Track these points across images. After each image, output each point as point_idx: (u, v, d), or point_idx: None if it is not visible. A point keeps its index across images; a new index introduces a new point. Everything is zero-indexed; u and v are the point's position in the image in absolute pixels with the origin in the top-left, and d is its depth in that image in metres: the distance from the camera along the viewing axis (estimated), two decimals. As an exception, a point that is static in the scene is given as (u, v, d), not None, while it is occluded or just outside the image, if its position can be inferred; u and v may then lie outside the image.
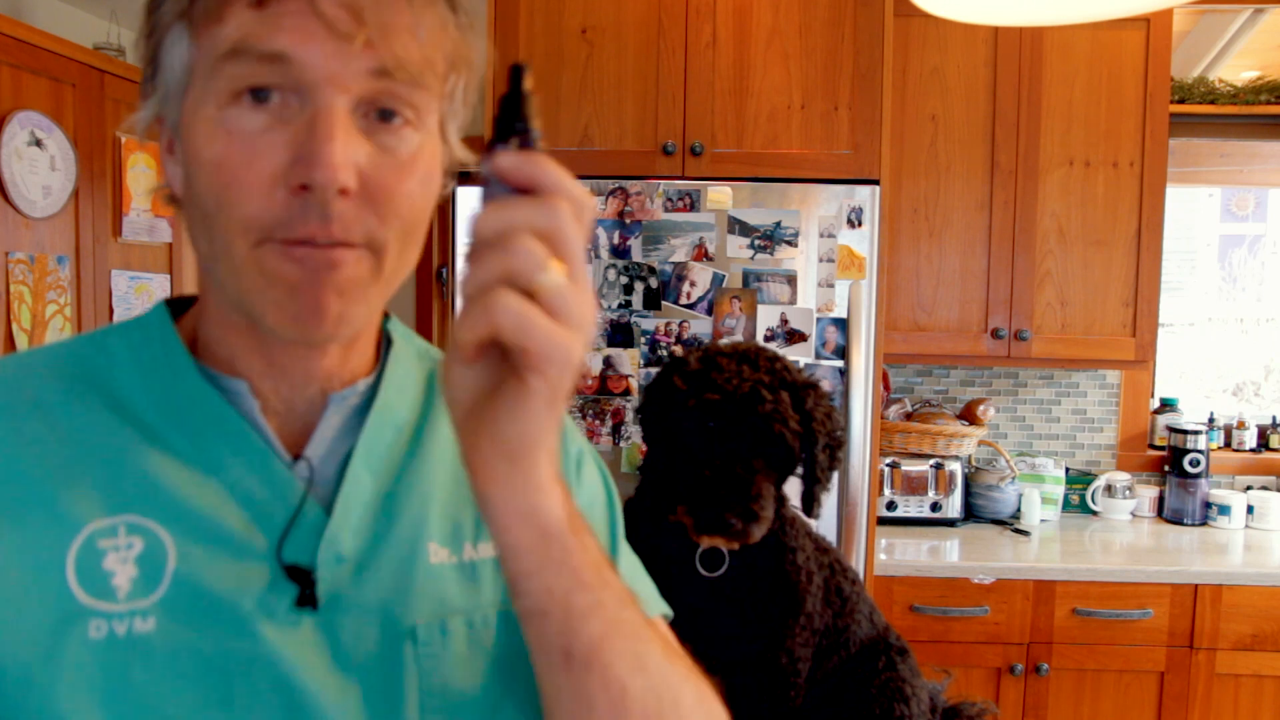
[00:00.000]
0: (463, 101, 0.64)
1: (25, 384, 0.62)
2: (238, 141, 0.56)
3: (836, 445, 1.06)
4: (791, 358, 2.16)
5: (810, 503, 1.05)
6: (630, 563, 0.80)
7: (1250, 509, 2.71)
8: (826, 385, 2.19)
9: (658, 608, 0.79)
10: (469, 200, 3.94)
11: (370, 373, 0.70)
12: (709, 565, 1.05)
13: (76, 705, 0.55)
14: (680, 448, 0.96)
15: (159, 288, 3.15)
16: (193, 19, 0.57)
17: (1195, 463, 2.70)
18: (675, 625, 0.91)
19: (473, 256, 0.50)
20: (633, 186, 2.17)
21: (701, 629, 1.05)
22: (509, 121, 0.52)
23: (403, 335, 0.74)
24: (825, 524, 2.20)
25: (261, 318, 0.59)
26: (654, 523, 1.07)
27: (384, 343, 0.72)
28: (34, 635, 0.55)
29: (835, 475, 1.08)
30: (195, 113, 0.58)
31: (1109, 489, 2.79)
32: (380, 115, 0.58)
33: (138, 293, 3.03)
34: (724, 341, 1.07)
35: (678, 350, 2.19)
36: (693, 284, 2.18)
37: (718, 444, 0.95)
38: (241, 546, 0.60)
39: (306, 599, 0.61)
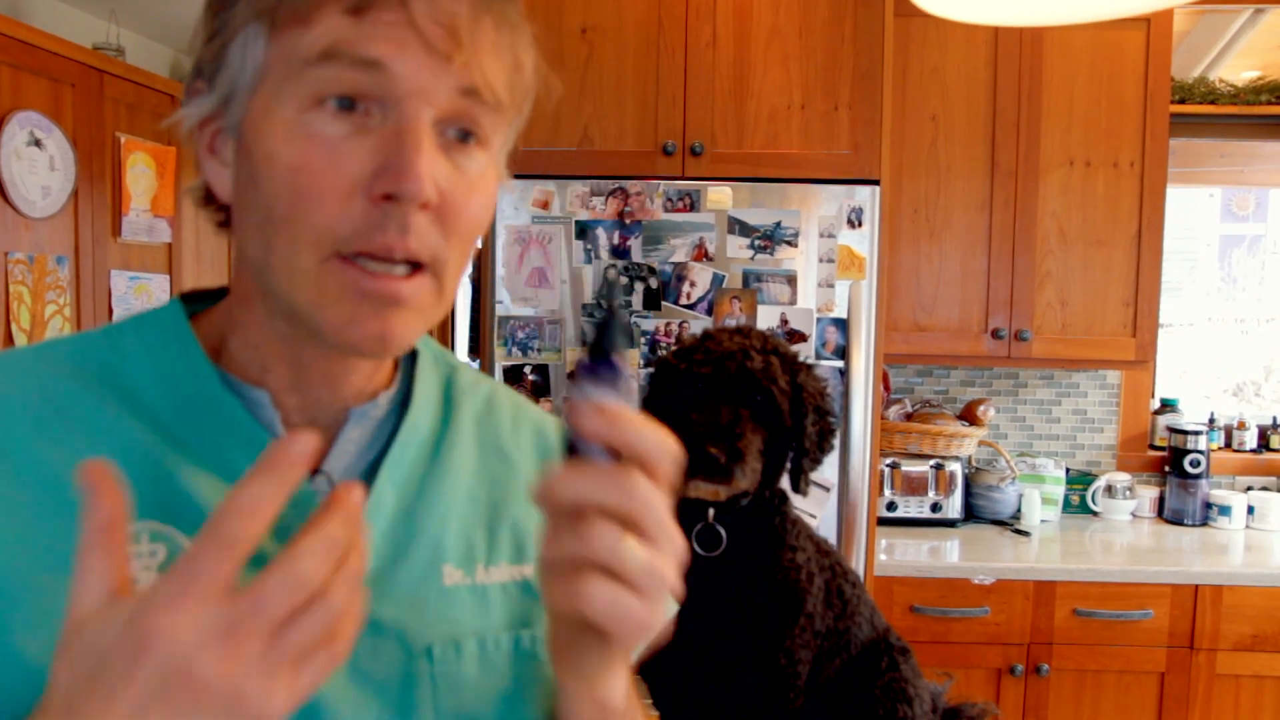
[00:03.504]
0: (518, 128, 0.65)
1: (45, 382, 0.60)
2: (319, 146, 0.55)
3: (828, 426, 1.07)
4: (791, 358, 2.17)
5: (798, 477, 1.05)
6: None
7: (1251, 509, 2.71)
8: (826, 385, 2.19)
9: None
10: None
11: (389, 384, 0.69)
12: (706, 545, 1.05)
13: None
14: (675, 415, 0.97)
15: (158, 288, 3.15)
16: (275, 19, 0.56)
17: (1196, 463, 2.70)
18: (674, 621, 0.91)
19: (553, 523, 0.52)
20: (633, 186, 2.17)
21: (699, 616, 1.05)
22: (601, 349, 0.53)
23: (422, 342, 0.74)
24: (825, 524, 2.19)
25: (320, 329, 0.58)
26: None
27: (407, 353, 0.72)
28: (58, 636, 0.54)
29: (826, 457, 1.09)
30: (269, 114, 0.56)
31: (1109, 489, 2.79)
32: (457, 134, 0.59)
33: (137, 293, 3.03)
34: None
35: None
36: (693, 284, 2.18)
37: (707, 397, 0.97)
38: (261, 559, 0.59)
39: None
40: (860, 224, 2.16)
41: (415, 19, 0.55)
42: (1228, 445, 2.93)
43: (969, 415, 2.71)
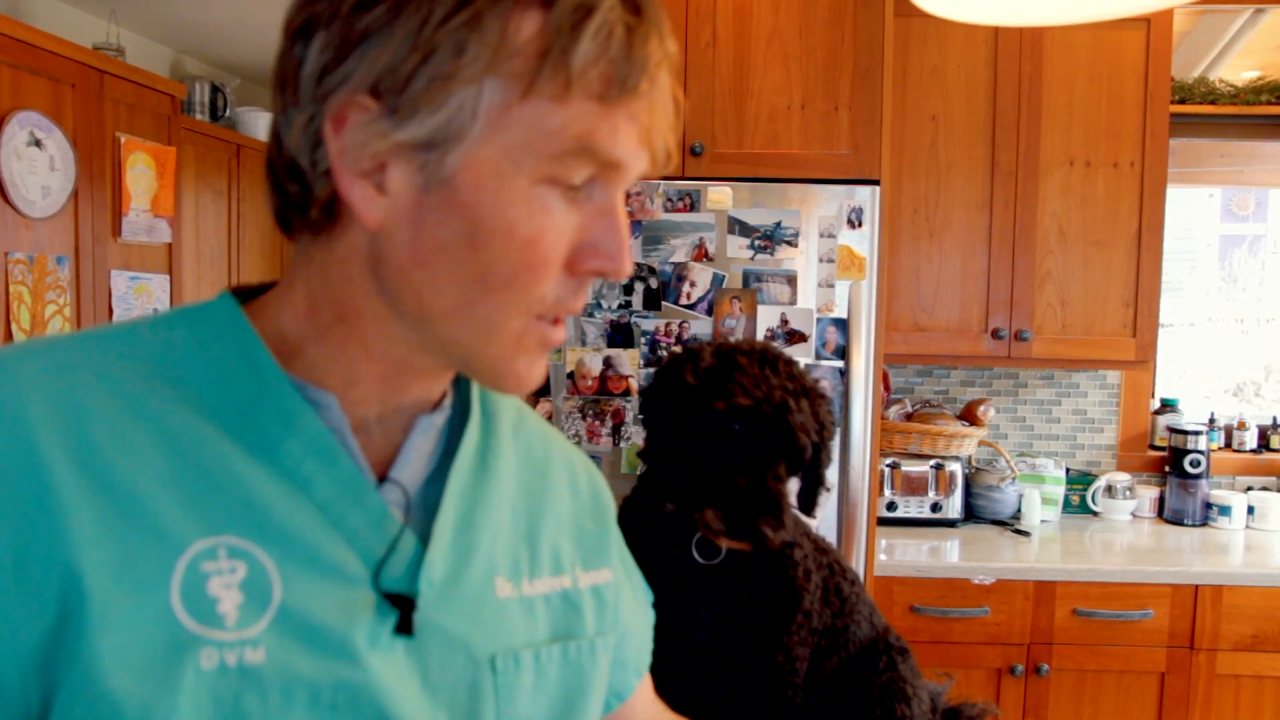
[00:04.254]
0: None
1: (117, 385, 0.57)
2: (553, 223, 0.57)
3: (831, 440, 1.07)
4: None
5: (812, 503, 1.05)
6: (624, 560, 0.83)
7: (1251, 509, 2.71)
8: (826, 385, 2.19)
9: (647, 597, 0.86)
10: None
11: (446, 392, 0.69)
12: (706, 554, 1.05)
13: None
14: (697, 445, 0.95)
15: (158, 288, 3.15)
16: (533, 85, 0.54)
17: (1196, 463, 2.70)
18: (673, 613, 0.92)
19: None
20: (633, 186, 2.17)
21: (698, 616, 1.05)
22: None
23: None
24: (825, 524, 2.19)
25: (500, 379, 0.61)
26: (652, 509, 1.07)
27: None
28: (146, 665, 0.52)
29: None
30: (503, 180, 0.56)
31: (1109, 489, 2.79)
32: None
33: (137, 293, 3.03)
34: (732, 339, 1.07)
35: (678, 350, 2.18)
36: (693, 284, 2.18)
37: (742, 449, 0.94)
38: (340, 571, 0.59)
39: (404, 626, 0.60)
40: (860, 224, 2.16)
41: (644, 120, 0.58)
42: (1228, 445, 2.93)
43: (969, 415, 2.71)
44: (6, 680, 0.51)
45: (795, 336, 2.18)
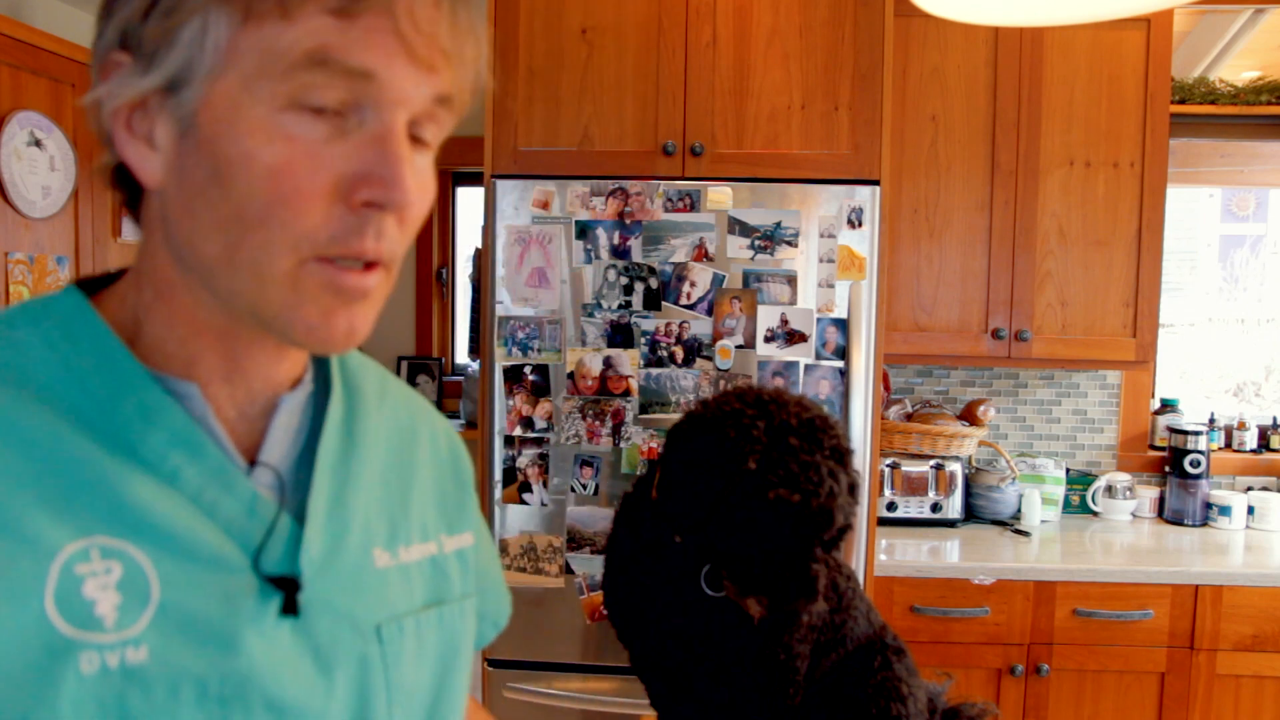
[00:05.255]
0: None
1: None
2: (301, 150, 0.54)
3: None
4: (791, 358, 2.17)
5: (836, 547, 1.05)
6: (481, 537, 0.83)
7: (1251, 510, 2.71)
8: (826, 386, 2.19)
9: (507, 609, 0.89)
10: (469, 201, 3.91)
11: (304, 369, 0.69)
12: (714, 586, 1.05)
13: None
14: (750, 527, 0.94)
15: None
16: (250, 8, 0.53)
17: (1196, 463, 2.70)
18: (673, 620, 0.92)
19: None
20: (633, 186, 2.17)
21: (697, 621, 1.05)
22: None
23: None
24: (825, 524, 2.19)
25: (289, 330, 0.58)
26: (657, 541, 1.06)
27: None
28: (23, 675, 0.51)
29: None
30: (238, 109, 0.54)
31: (1109, 490, 2.79)
32: (414, 135, 0.59)
33: (138, 293, 3.03)
34: (782, 396, 1.03)
35: (678, 352, 2.18)
36: (693, 284, 2.18)
37: (794, 537, 0.93)
38: (218, 560, 0.58)
39: (289, 607, 0.60)
40: (860, 224, 2.16)
41: (402, 29, 0.54)
42: (1228, 445, 2.93)
43: (969, 415, 2.71)
44: None
45: (795, 337, 2.18)
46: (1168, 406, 2.91)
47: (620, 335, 2.19)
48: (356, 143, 0.55)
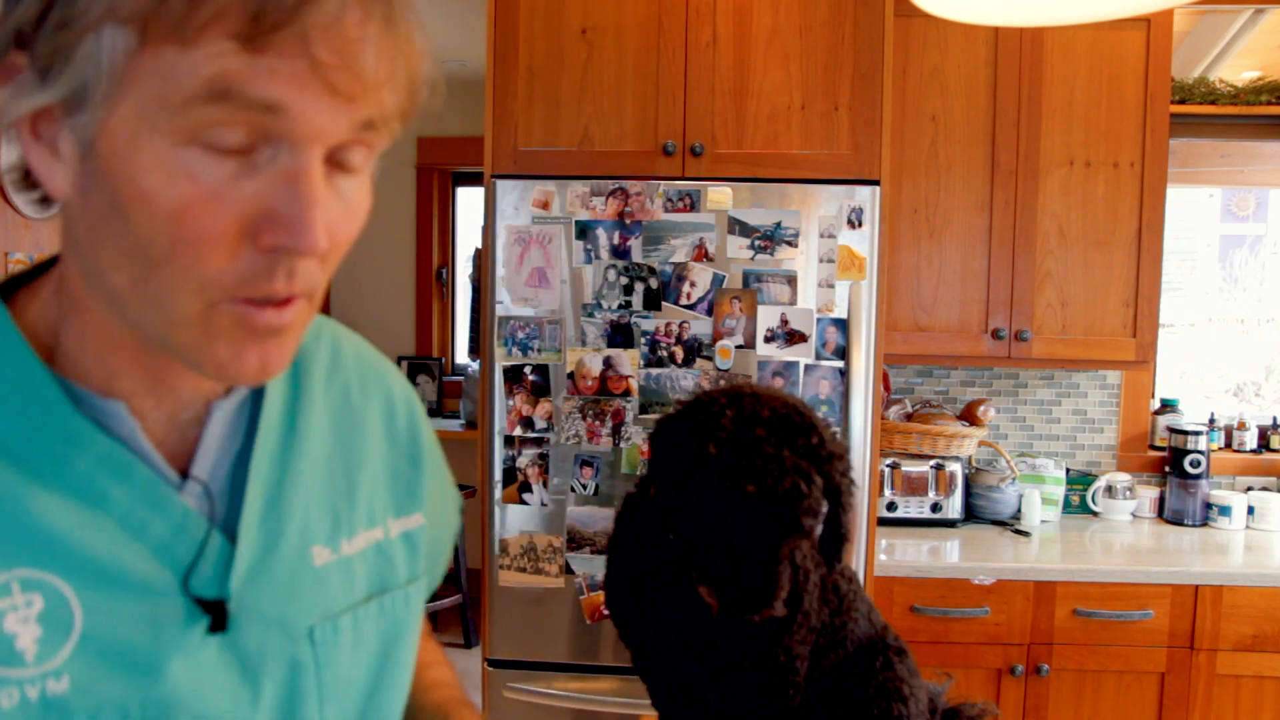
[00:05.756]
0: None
1: None
2: (203, 191, 0.50)
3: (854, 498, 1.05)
4: (791, 358, 2.17)
5: (834, 555, 1.04)
6: (439, 484, 0.81)
7: (1251, 510, 2.71)
8: (826, 386, 2.19)
9: (452, 504, 0.86)
10: (469, 201, 3.93)
11: None
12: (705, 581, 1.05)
13: None
14: (709, 516, 0.94)
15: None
16: (146, 29, 0.48)
17: (1196, 463, 2.70)
18: (672, 620, 0.92)
19: None
20: (633, 186, 2.17)
21: (696, 621, 1.05)
22: None
23: None
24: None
25: (199, 366, 0.55)
26: (656, 542, 1.06)
27: None
28: None
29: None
30: (136, 140, 0.49)
31: (1109, 490, 2.79)
32: (339, 161, 0.55)
33: (138, 293, 3.04)
34: (758, 391, 1.02)
35: (678, 352, 2.19)
36: (693, 284, 2.18)
37: (750, 533, 0.93)
38: (145, 586, 0.57)
39: (217, 625, 0.59)
40: (860, 224, 2.16)
41: (317, 56, 0.49)
42: (1228, 445, 2.93)
43: (969, 415, 2.71)
44: None
45: (795, 337, 2.18)
46: (1168, 406, 2.91)
47: (620, 335, 2.19)
48: (266, 180, 0.51)
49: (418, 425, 0.79)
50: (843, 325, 2.17)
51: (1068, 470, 2.86)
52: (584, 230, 2.18)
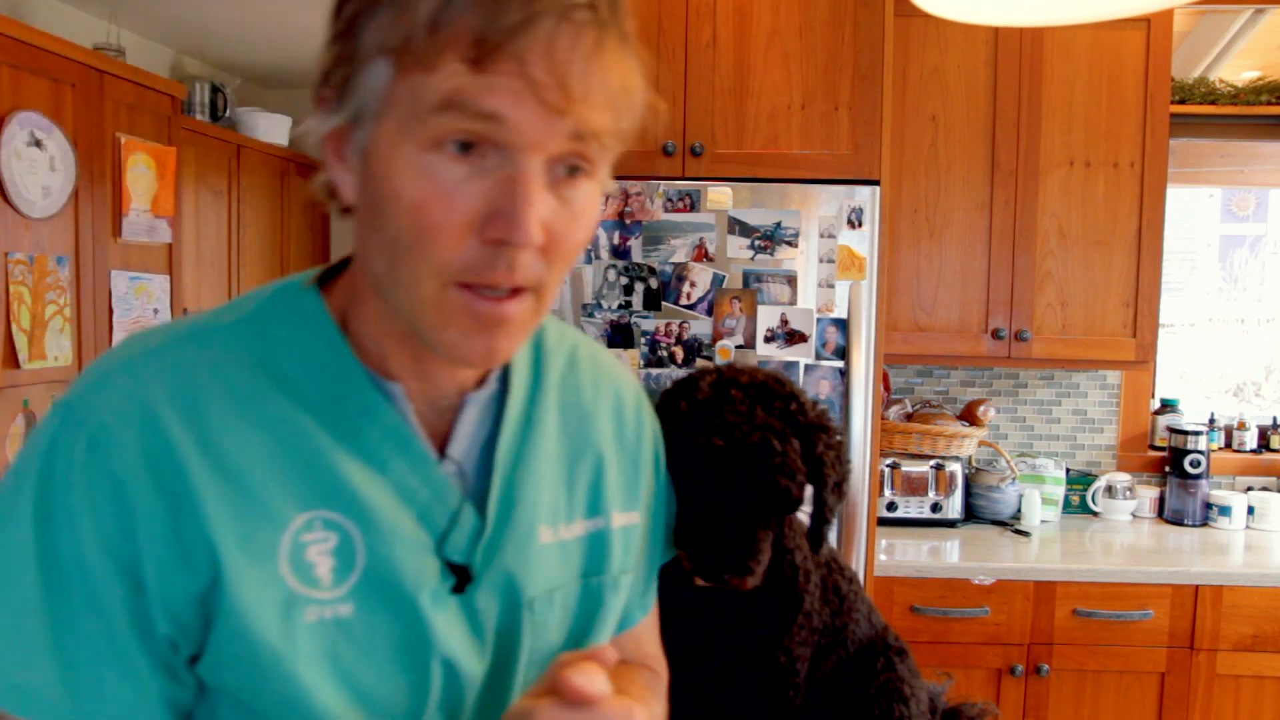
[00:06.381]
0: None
1: (219, 374, 0.65)
2: (439, 189, 0.60)
3: (843, 482, 1.03)
4: (791, 358, 2.17)
5: (818, 540, 1.04)
6: (656, 493, 0.88)
7: (1251, 510, 2.71)
8: (826, 386, 2.19)
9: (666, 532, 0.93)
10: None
11: (488, 371, 0.75)
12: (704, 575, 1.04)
13: (314, 680, 0.64)
14: (682, 475, 0.93)
15: (158, 288, 3.15)
16: (401, 60, 0.60)
17: (1196, 463, 2.70)
18: (674, 620, 0.92)
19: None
20: (633, 186, 2.17)
21: (697, 616, 1.05)
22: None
23: None
24: (825, 524, 2.19)
25: (436, 346, 0.65)
26: None
27: None
28: (271, 618, 0.63)
29: (840, 507, 1.05)
30: (393, 148, 0.61)
31: (1109, 490, 2.79)
32: (565, 170, 0.64)
33: (137, 293, 3.03)
34: (742, 365, 1.01)
35: (678, 352, 2.19)
36: (693, 284, 2.18)
37: (721, 488, 0.92)
38: (412, 541, 0.69)
39: (459, 588, 0.70)
40: (860, 224, 2.16)
41: (531, 74, 0.59)
42: (1228, 445, 2.93)
43: (969, 415, 2.71)
44: (157, 626, 0.62)
45: (795, 337, 2.18)
46: (1168, 406, 2.91)
47: (620, 335, 2.19)
48: (491, 182, 0.61)
49: (644, 430, 0.87)
50: (843, 325, 2.17)
51: (1068, 470, 2.86)
52: (584, 230, 2.18)
